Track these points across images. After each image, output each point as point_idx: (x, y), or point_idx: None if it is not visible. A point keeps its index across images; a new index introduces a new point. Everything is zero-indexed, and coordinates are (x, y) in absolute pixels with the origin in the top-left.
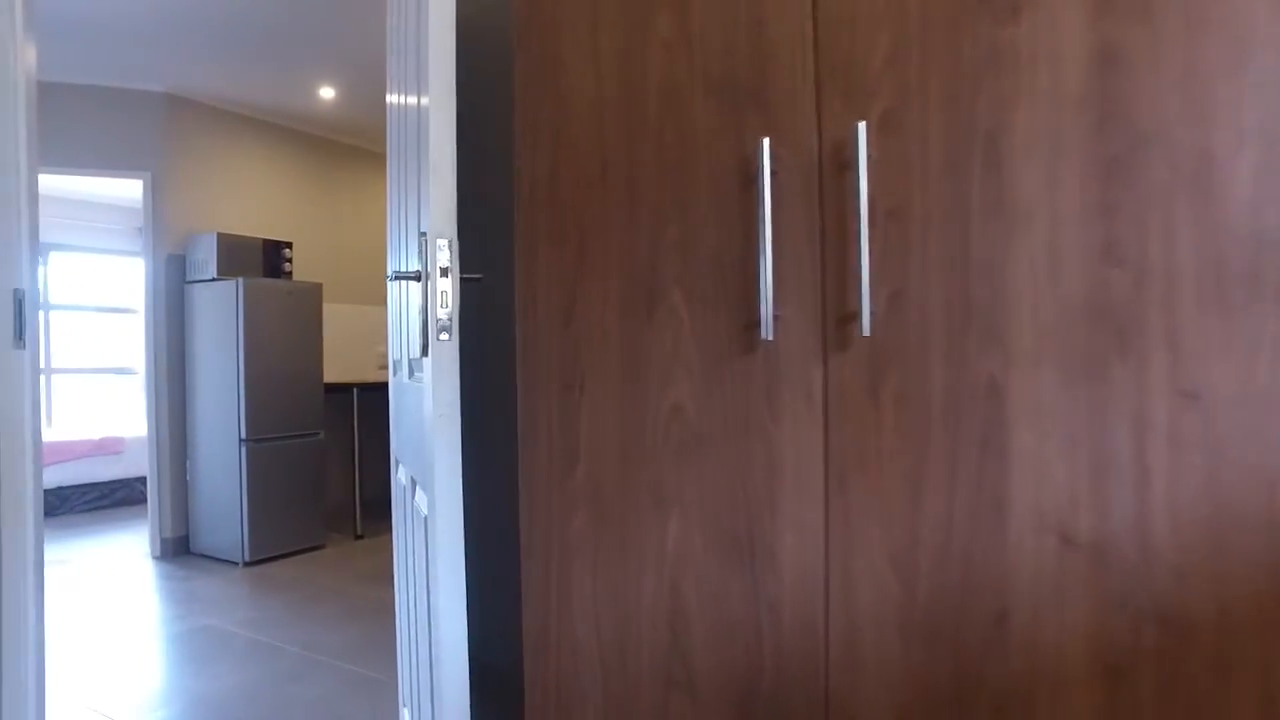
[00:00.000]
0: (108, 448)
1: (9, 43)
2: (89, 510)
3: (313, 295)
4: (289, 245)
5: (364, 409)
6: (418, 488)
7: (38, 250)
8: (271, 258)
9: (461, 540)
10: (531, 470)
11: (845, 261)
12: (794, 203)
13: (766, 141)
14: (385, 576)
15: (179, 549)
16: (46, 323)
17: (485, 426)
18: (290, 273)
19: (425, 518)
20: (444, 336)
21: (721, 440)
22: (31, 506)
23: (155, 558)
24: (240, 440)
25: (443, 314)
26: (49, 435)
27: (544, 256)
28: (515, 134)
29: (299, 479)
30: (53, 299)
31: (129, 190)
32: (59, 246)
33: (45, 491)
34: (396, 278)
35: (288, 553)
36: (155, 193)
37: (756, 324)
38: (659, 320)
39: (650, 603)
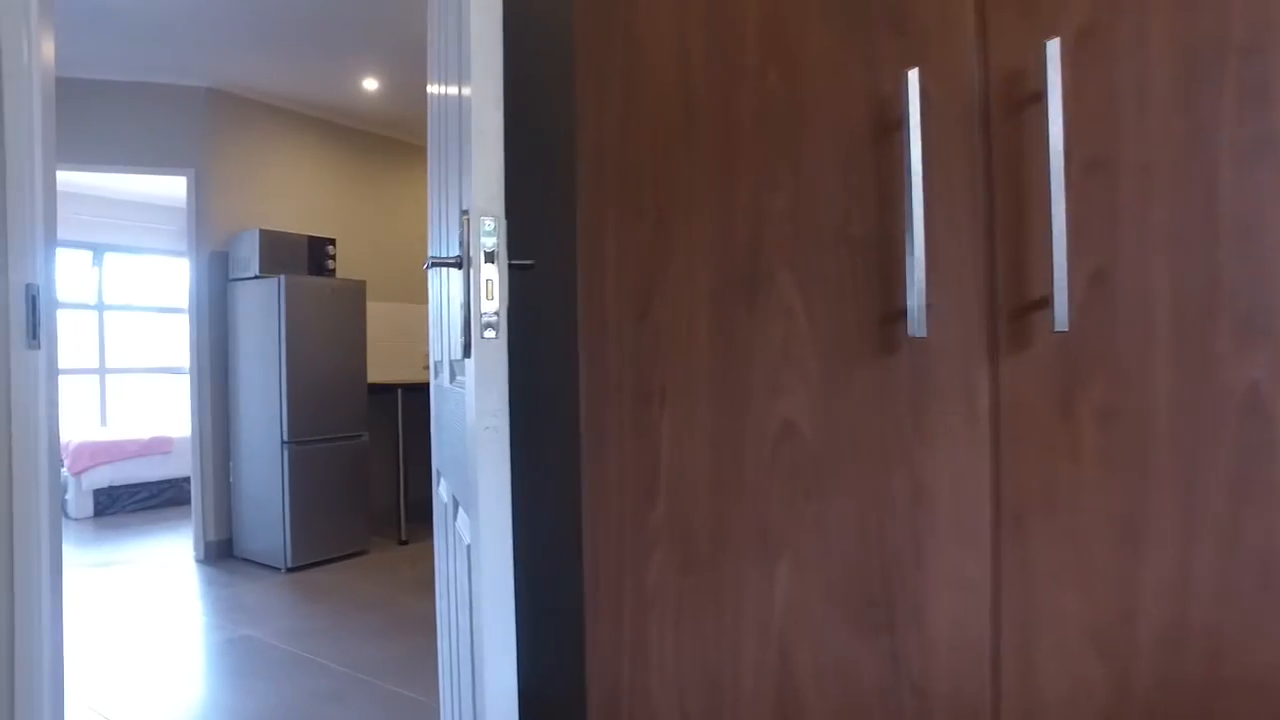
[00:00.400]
0: (156, 448)
1: (22, 34)
2: (138, 510)
3: (356, 293)
4: (332, 242)
5: (409, 410)
6: (460, 509)
7: (54, 248)
8: (315, 254)
9: (510, 576)
10: (599, 501)
11: (1024, 231)
12: (948, 155)
13: (914, 74)
14: (430, 586)
15: (222, 552)
16: (101, 323)
17: (539, 441)
18: (334, 270)
19: (468, 546)
20: (490, 334)
21: (849, 467)
22: (46, 509)
23: (199, 561)
24: (282, 442)
25: (488, 307)
26: (103, 435)
27: (613, 234)
28: (575, 84)
29: (342, 482)
30: (108, 299)
31: (179, 189)
32: (114, 248)
33: (96, 491)
34: (434, 264)
35: (330, 558)
36: (198, 189)
37: (899, 315)
38: (764, 311)
39: (752, 671)
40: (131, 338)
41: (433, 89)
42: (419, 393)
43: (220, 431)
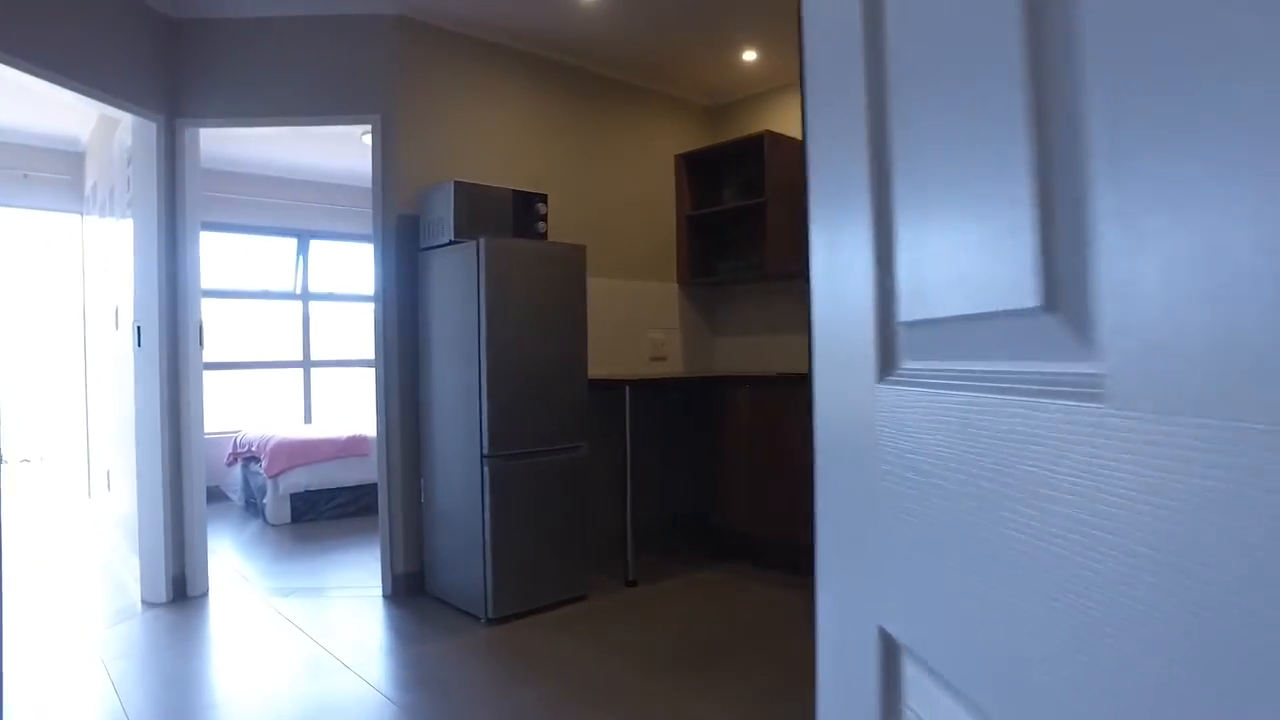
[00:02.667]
0: (354, 448)
1: None
2: (336, 518)
3: (574, 261)
4: (543, 199)
5: (638, 412)
6: None
7: None
8: (522, 214)
9: None
10: None
11: None
12: None
13: None
14: (676, 659)
15: (412, 587)
16: (306, 314)
17: None
18: (545, 233)
19: None
20: None
21: None
22: None
23: (386, 597)
24: (482, 456)
25: None
26: (300, 434)
27: None
28: None
29: (557, 507)
30: (312, 288)
31: None
32: (319, 234)
33: (293, 496)
34: None
35: (542, 607)
36: (385, 139)
37: None
38: None
39: None
40: (336, 329)
41: None
42: (649, 391)
43: (409, 439)
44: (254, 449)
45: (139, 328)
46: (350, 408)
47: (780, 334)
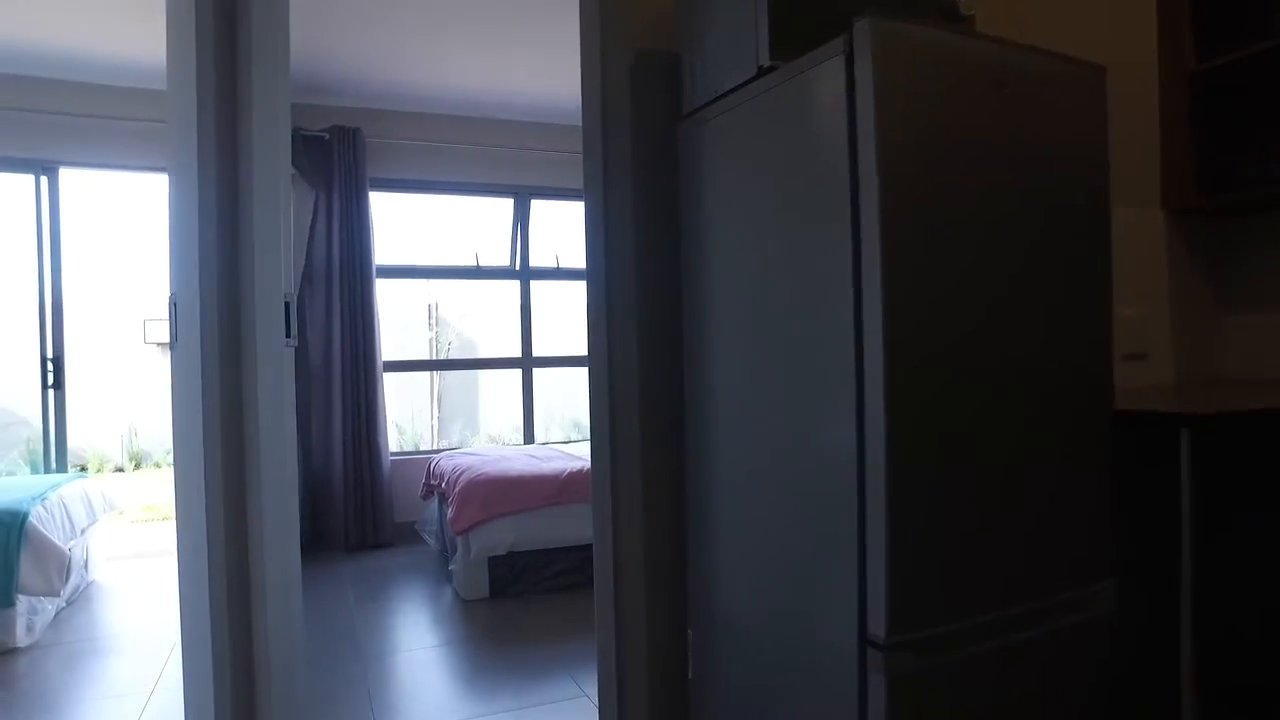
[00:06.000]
0: (574, 491)
1: None
2: (551, 591)
3: (1085, 101)
4: None
5: (1198, 491)
6: None
7: None
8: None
9: None
10: None
11: None
12: None
13: None
14: None
15: None
16: (525, 295)
17: None
18: (973, 25)
19: None
20: None
21: None
22: None
23: None
24: (865, 643)
25: None
26: (499, 468)
27: None
28: None
29: None
30: (533, 260)
31: None
32: (540, 192)
33: (491, 559)
34: None
35: None
36: None
37: None
38: None
39: None
40: (563, 316)
41: None
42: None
43: (665, 536)
44: (444, 483)
45: (175, 303)
46: (580, 424)
47: None
